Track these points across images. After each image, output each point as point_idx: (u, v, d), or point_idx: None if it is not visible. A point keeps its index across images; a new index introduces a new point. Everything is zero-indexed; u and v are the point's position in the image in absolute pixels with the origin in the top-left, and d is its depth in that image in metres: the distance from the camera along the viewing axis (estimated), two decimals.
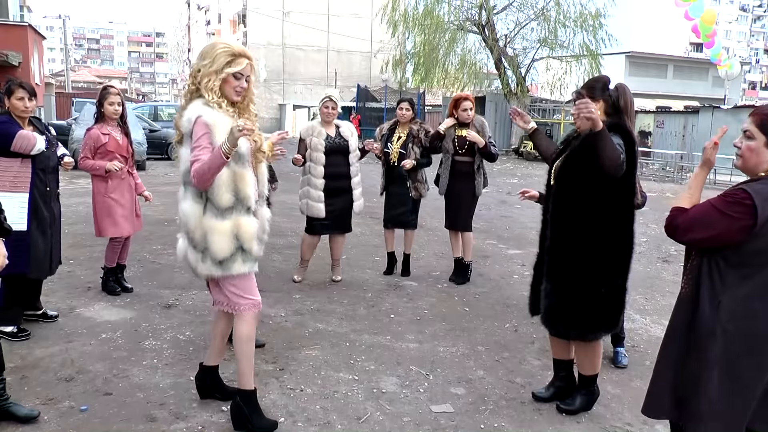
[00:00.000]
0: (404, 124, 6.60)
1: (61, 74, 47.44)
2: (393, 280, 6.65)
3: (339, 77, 46.10)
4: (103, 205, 5.57)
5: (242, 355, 3.41)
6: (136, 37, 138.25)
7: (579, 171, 3.47)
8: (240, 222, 3.24)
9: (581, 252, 3.49)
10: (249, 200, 3.27)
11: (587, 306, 3.53)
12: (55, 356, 4.33)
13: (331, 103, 6.10)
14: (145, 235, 7.83)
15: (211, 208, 3.20)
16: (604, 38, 25.89)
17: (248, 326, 3.39)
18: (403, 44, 29.68)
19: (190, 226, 3.22)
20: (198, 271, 3.29)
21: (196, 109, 3.17)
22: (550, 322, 3.69)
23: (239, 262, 3.27)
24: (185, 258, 3.35)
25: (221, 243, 3.19)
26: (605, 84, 3.56)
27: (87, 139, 5.53)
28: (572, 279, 3.54)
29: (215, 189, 3.16)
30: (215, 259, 3.21)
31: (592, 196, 3.44)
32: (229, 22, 57.25)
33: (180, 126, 3.24)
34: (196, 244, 3.24)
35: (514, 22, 26.98)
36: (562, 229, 3.57)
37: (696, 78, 43.07)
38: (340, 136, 6.17)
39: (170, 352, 4.50)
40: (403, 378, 4.23)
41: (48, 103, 31.14)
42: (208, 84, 3.19)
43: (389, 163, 6.53)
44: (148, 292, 5.90)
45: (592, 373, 3.80)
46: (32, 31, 26.27)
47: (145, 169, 16.02)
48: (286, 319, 5.31)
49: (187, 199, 3.25)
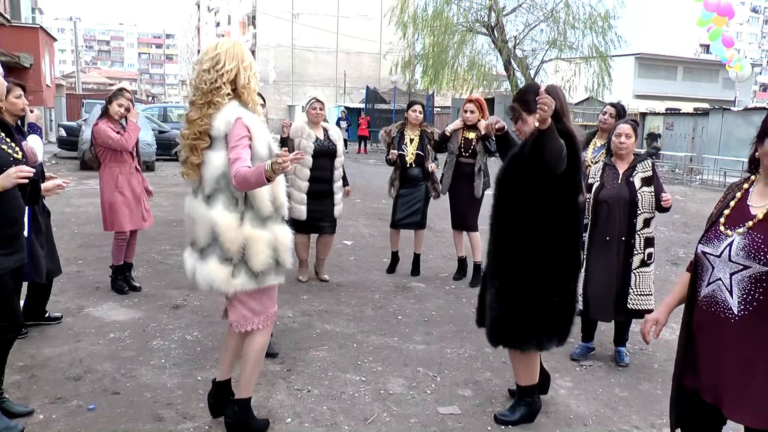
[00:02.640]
0: (414, 127, 6.63)
1: (71, 76, 47.71)
2: (401, 282, 6.64)
3: (348, 79, 46.13)
4: (112, 199, 5.61)
5: (253, 365, 3.30)
6: (146, 38, 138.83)
7: (519, 175, 3.36)
8: (277, 232, 3.12)
9: (528, 259, 3.34)
10: (284, 209, 3.19)
11: (538, 313, 3.37)
12: (63, 356, 4.35)
13: (318, 104, 6.12)
14: (154, 236, 7.86)
15: (253, 218, 3.05)
16: (613, 40, 25.78)
17: (263, 336, 3.29)
18: (412, 46, 29.67)
19: (224, 236, 2.99)
20: (226, 287, 3.05)
21: (235, 110, 3.04)
22: (495, 336, 3.48)
23: (272, 275, 3.13)
24: (198, 274, 3.11)
25: (263, 254, 3.04)
26: (537, 92, 3.27)
27: (100, 128, 5.50)
28: (519, 287, 3.38)
29: (259, 196, 3.04)
30: (253, 272, 3.04)
31: (535, 200, 3.31)
32: (238, 23, 57.39)
33: (211, 128, 3.04)
34: (230, 257, 3.01)
35: (523, 23, 26.90)
36: (505, 236, 3.41)
37: (706, 80, 42.88)
38: (329, 139, 6.18)
39: (178, 352, 4.51)
40: (410, 379, 4.23)
41: (59, 104, 31.35)
42: (250, 85, 3.13)
43: (405, 165, 6.55)
44: (157, 292, 5.92)
45: (529, 384, 3.66)
46: (43, 32, 26.43)
47: (154, 170, 16.08)
48: (293, 320, 5.31)
49: (216, 207, 3.02)
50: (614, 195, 4.40)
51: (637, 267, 4.43)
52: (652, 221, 4.47)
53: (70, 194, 11.67)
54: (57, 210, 8.50)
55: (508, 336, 3.44)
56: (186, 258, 3.22)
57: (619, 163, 4.54)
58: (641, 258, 4.43)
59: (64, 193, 11.62)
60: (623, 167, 4.51)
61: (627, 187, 4.42)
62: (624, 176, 4.47)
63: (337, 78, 47.77)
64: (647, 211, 4.42)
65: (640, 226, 4.41)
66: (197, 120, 3.08)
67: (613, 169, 4.52)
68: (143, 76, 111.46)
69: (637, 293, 4.43)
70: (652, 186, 4.45)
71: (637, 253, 4.42)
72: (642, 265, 4.44)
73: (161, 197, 10.37)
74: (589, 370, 4.53)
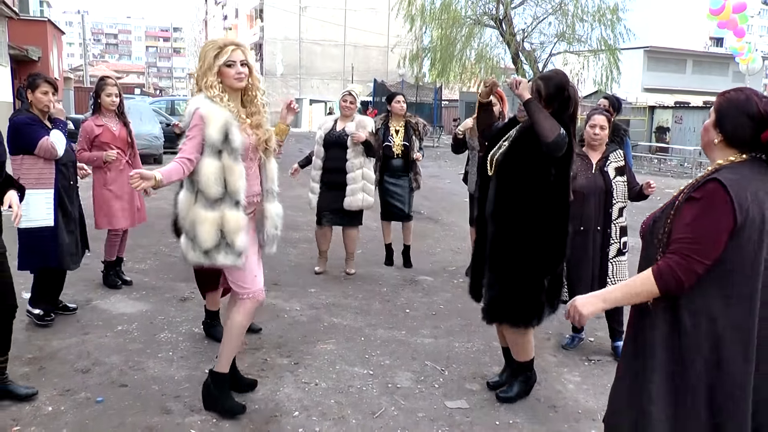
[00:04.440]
0: (398, 117, 6.66)
1: (79, 69, 47.73)
2: (409, 275, 6.63)
3: (356, 72, 46.07)
4: (102, 197, 5.54)
5: (230, 340, 3.51)
6: (153, 32, 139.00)
7: (521, 163, 3.51)
8: (226, 214, 3.28)
9: (525, 244, 3.51)
10: (238, 194, 3.30)
11: (530, 295, 3.56)
12: (71, 348, 4.36)
13: (350, 97, 6.23)
14: (161, 229, 7.86)
15: (200, 199, 3.28)
16: (622, 33, 25.57)
17: (244, 315, 3.48)
18: (420, 39, 29.53)
19: (182, 213, 3.33)
20: (188, 259, 3.37)
21: (197, 102, 3.28)
22: (492, 314, 3.68)
23: (222, 254, 3.31)
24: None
25: (206, 233, 3.26)
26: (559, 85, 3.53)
27: (81, 131, 5.50)
28: (516, 270, 3.55)
29: (204, 180, 3.24)
30: (201, 249, 3.29)
31: (533, 189, 3.47)
32: (245, 16, 57.32)
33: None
34: (186, 232, 3.34)
35: (531, 16, 26.74)
36: (505, 222, 3.56)
37: (716, 73, 42.58)
38: (344, 131, 6.18)
39: (185, 344, 4.52)
40: (418, 373, 4.22)
41: (67, 98, 31.41)
42: (205, 83, 3.30)
43: (392, 155, 6.57)
44: (164, 285, 5.92)
45: (526, 359, 3.84)
46: (51, 26, 26.50)
47: (162, 163, 16.11)
48: (301, 313, 5.31)
49: (183, 188, 3.37)
50: (589, 185, 4.38)
51: (614, 256, 4.45)
52: (625, 210, 4.50)
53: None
54: None
55: (508, 316, 3.64)
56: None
57: (591, 153, 4.51)
58: (617, 247, 4.45)
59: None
60: (596, 157, 4.49)
61: (602, 176, 4.42)
62: (597, 166, 4.45)
63: (345, 71, 47.73)
64: (621, 200, 4.45)
65: (615, 215, 4.43)
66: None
67: (585, 159, 4.47)
68: (151, 69, 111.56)
69: (615, 282, 4.40)
70: (624, 176, 4.47)
71: (613, 242, 4.44)
72: (618, 254, 4.46)
73: (168, 190, 10.37)
74: (597, 364, 4.51)
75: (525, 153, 3.48)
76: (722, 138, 2.15)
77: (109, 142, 5.50)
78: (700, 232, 2.05)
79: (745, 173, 2.08)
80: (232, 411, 3.49)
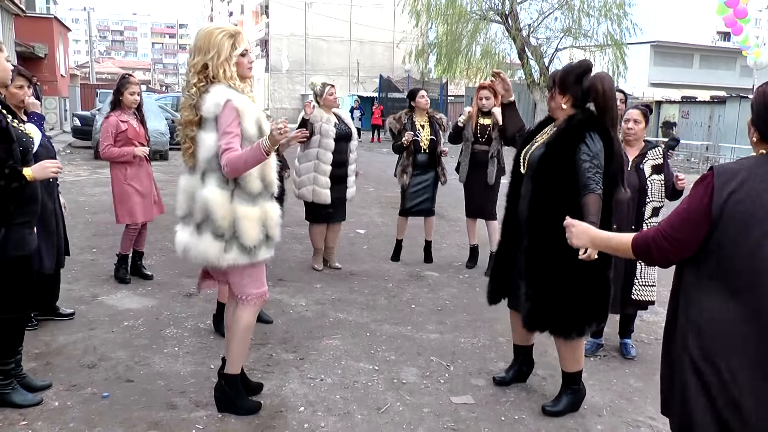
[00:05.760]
0: (422, 113, 6.62)
1: (85, 66, 47.93)
2: (414, 271, 6.62)
3: (361, 68, 46.03)
4: (123, 192, 5.60)
5: (239, 342, 3.43)
6: (159, 28, 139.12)
7: (559, 168, 3.34)
8: (267, 208, 3.26)
9: (564, 256, 3.20)
10: (273, 186, 3.31)
11: (573, 307, 3.39)
12: (78, 343, 4.38)
13: (333, 89, 6.26)
14: (167, 224, 7.85)
15: (241, 195, 3.17)
16: (628, 27, 25.44)
17: (251, 315, 3.41)
18: (425, 34, 29.47)
19: (216, 214, 3.12)
20: (219, 262, 3.17)
21: (223, 93, 3.11)
22: (532, 325, 3.53)
23: (264, 249, 3.27)
24: (189, 249, 3.24)
25: (252, 229, 3.18)
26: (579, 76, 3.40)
27: (107, 126, 5.52)
28: (555, 281, 3.38)
29: (247, 175, 3.16)
30: (245, 247, 3.17)
31: (573, 196, 3.27)
32: (251, 12, 57.31)
33: (200, 109, 3.14)
34: (222, 233, 3.14)
35: (537, 11, 26.61)
36: (542, 232, 3.38)
37: (723, 67, 42.31)
38: (344, 122, 6.28)
39: (191, 340, 4.52)
40: (423, 369, 4.21)
41: (73, 94, 31.53)
42: (226, 74, 3.16)
43: (420, 151, 6.54)
44: (170, 280, 5.94)
45: (576, 370, 3.65)
46: (58, 23, 26.55)
47: (168, 159, 16.10)
48: (306, 308, 5.31)
49: (209, 185, 3.15)
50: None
51: None
52: (661, 210, 4.34)
53: (84, 183, 11.75)
54: (71, 199, 8.55)
55: (550, 326, 3.48)
56: (178, 232, 3.33)
57: (628, 149, 4.35)
58: None
59: (78, 182, 11.71)
60: (633, 154, 4.37)
61: (636, 174, 4.29)
62: (634, 163, 4.34)
63: (350, 67, 47.69)
64: (656, 199, 4.33)
65: (648, 214, 4.31)
66: (182, 110, 3.27)
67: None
68: (156, 65, 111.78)
69: (642, 284, 4.35)
70: (662, 174, 4.34)
71: None
72: None
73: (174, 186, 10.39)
74: (603, 360, 4.49)
75: (563, 157, 3.33)
76: (757, 134, 2.06)
77: (133, 138, 5.58)
78: (677, 210, 2.11)
79: (761, 168, 1.99)
80: (249, 411, 3.46)
